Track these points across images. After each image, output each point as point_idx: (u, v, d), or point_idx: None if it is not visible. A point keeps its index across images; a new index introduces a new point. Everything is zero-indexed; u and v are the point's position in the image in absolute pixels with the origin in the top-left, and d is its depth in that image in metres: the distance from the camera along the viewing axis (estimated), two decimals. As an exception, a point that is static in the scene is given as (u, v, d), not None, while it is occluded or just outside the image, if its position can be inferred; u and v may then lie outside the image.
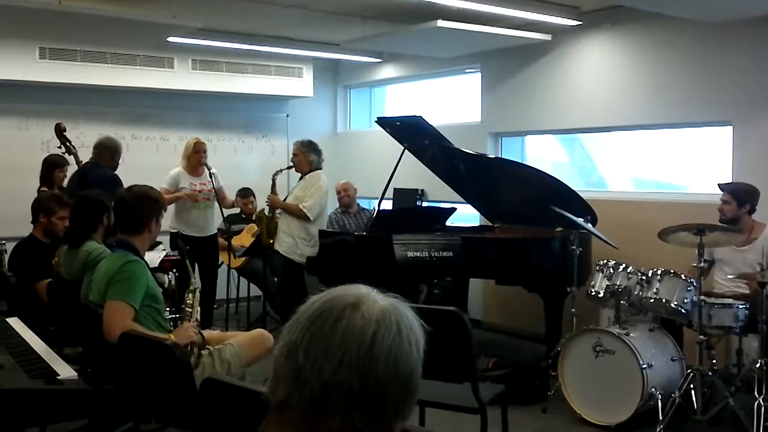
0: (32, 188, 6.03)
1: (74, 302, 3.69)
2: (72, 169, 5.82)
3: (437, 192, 7.01)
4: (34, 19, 6.05)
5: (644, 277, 4.51)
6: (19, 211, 6.50)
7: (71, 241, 4.11)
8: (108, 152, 5.59)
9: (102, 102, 7.43)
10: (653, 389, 4.16)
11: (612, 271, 4.64)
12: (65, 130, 5.69)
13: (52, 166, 5.89)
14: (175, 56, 7.36)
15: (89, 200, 4.23)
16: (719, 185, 4.80)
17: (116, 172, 5.62)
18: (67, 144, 5.67)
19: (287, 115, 8.53)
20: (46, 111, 7.03)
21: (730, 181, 5.05)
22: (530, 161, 7.01)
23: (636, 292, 4.52)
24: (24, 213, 6.18)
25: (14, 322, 3.55)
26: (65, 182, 5.95)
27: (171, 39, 6.80)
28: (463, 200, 6.35)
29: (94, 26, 6.22)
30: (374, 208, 6.25)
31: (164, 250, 5.69)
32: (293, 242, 5.95)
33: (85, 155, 5.86)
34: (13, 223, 6.63)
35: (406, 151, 5.90)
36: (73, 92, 7.20)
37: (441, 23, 5.72)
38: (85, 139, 7.05)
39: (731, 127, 5.42)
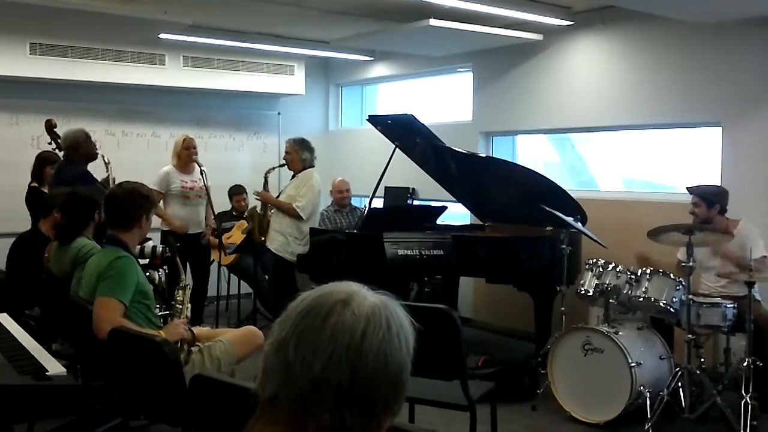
0: (22, 184, 6.01)
1: (64, 298, 3.68)
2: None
3: (428, 190, 7.02)
4: (26, 14, 6.02)
5: (633, 276, 4.54)
6: (8, 207, 6.51)
7: (62, 237, 4.10)
8: (70, 149, 5.39)
9: (93, 98, 7.40)
10: (642, 387, 4.19)
11: (601, 270, 4.66)
12: (56, 126, 5.66)
13: (43, 163, 5.87)
14: (167, 53, 7.34)
15: (80, 197, 4.21)
16: (687, 189, 4.83)
17: (95, 163, 5.47)
18: (58, 141, 5.64)
19: (279, 113, 8.52)
20: (37, 107, 7.00)
21: (699, 183, 4.97)
22: (521, 160, 7.03)
23: (625, 291, 4.54)
24: (13, 208, 6.19)
25: (3, 318, 3.54)
26: None
27: (162, 35, 6.78)
28: (453, 199, 6.36)
29: (85, 22, 6.20)
30: (365, 206, 6.25)
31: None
32: (285, 240, 5.95)
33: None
34: (3, 218, 6.62)
35: (397, 149, 5.91)
36: (63, 88, 7.17)
37: (433, 22, 5.73)
38: (75, 135, 7.03)
39: (720, 128, 5.45)
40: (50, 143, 5.68)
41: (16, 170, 6.45)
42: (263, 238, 6.17)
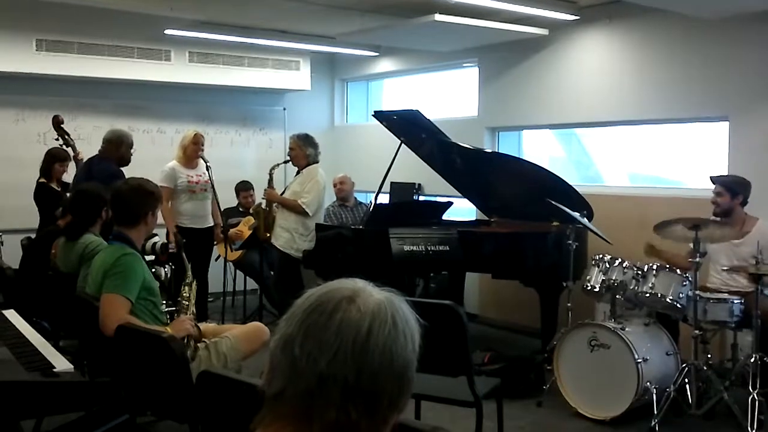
0: (28, 180, 6.03)
1: (70, 295, 3.69)
2: (70, 162, 5.83)
3: (434, 186, 7.01)
4: (31, 10, 6.05)
5: (640, 272, 4.52)
6: (15, 203, 6.54)
7: (70, 234, 4.12)
8: (112, 146, 5.53)
9: (98, 94, 7.42)
10: (648, 383, 4.18)
11: (608, 265, 4.65)
12: (63, 122, 5.68)
13: (52, 159, 5.90)
14: (172, 49, 7.35)
15: (88, 194, 4.23)
16: (711, 178, 4.82)
17: (128, 167, 5.55)
18: (65, 136, 5.66)
19: (284, 109, 8.52)
20: (43, 103, 7.02)
21: (723, 173, 5.04)
22: (527, 156, 7.01)
23: (631, 287, 4.53)
24: (20, 204, 6.22)
25: (11, 315, 3.55)
26: (64, 176, 5.96)
27: (168, 31, 6.79)
28: (459, 194, 6.35)
29: (90, 18, 6.22)
30: (371, 202, 6.25)
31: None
32: (290, 237, 5.95)
33: (81, 147, 5.85)
34: (10, 214, 6.65)
35: (403, 145, 5.90)
36: (69, 84, 7.18)
37: (438, 17, 5.72)
38: (81, 131, 7.06)
39: (728, 123, 5.43)
40: (57, 139, 5.70)
41: (23, 166, 6.47)
42: (269, 235, 6.17)
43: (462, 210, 6.82)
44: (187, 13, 6.12)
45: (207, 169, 6.15)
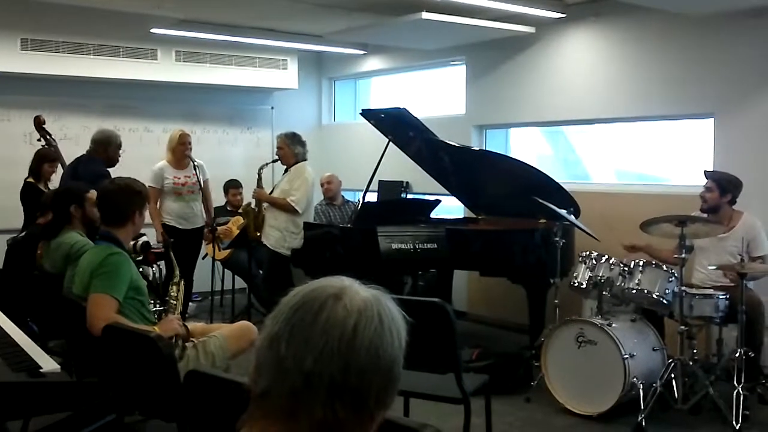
0: (15, 181, 6.00)
1: (57, 295, 3.68)
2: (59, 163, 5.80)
3: (422, 184, 7.02)
4: (16, 9, 6.00)
5: (626, 268, 4.55)
6: (1, 204, 6.48)
7: (46, 233, 4.09)
8: (100, 146, 5.51)
9: (85, 94, 7.37)
10: (635, 379, 4.20)
11: (594, 262, 4.68)
12: (44, 123, 5.66)
13: (41, 160, 5.88)
14: (159, 47, 7.31)
15: (58, 192, 4.24)
16: (705, 172, 4.85)
17: (116, 167, 5.52)
18: (47, 137, 5.63)
19: (272, 107, 8.50)
20: (29, 102, 6.96)
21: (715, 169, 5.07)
22: (514, 153, 7.04)
23: (618, 283, 4.56)
24: (7, 205, 6.18)
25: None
26: (53, 176, 5.94)
27: (154, 30, 6.76)
28: (447, 192, 6.36)
29: (76, 17, 6.18)
30: (359, 201, 6.25)
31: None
32: (281, 235, 5.94)
33: (67, 147, 5.83)
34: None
35: (390, 143, 5.91)
36: (55, 84, 7.13)
37: (425, 15, 5.72)
38: (68, 131, 7.03)
39: (713, 120, 5.47)
40: (39, 140, 5.67)
41: (9, 167, 6.44)
42: (258, 234, 6.16)
43: (450, 208, 6.84)
44: (173, 11, 6.09)
45: (195, 169, 6.13)
